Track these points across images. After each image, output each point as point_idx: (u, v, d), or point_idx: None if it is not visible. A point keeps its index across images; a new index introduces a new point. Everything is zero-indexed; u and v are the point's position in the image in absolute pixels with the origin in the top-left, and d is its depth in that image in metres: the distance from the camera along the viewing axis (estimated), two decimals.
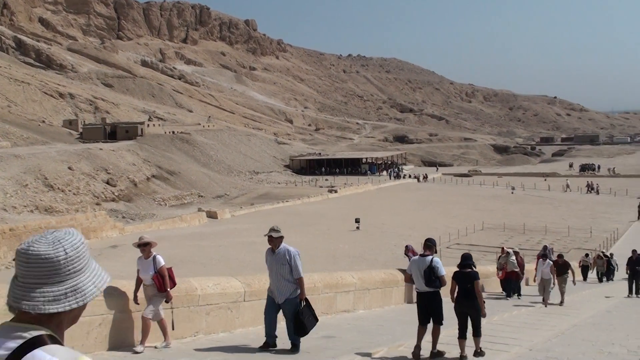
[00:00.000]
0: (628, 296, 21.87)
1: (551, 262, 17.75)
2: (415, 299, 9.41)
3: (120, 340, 8.05)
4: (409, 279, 9.36)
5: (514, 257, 19.15)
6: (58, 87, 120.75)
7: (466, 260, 9.36)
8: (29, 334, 1.77)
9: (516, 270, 18.79)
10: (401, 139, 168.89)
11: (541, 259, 17.90)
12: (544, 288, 17.47)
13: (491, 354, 9.20)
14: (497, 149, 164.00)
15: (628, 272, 23.46)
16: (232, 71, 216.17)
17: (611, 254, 31.32)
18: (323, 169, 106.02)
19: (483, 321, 9.35)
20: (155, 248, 8.91)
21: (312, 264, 31.83)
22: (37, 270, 1.82)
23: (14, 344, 1.75)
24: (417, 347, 8.79)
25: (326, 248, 38.01)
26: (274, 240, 8.62)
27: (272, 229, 8.67)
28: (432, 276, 8.86)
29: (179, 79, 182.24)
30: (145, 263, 8.54)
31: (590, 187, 77.41)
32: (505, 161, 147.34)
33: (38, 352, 1.73)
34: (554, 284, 17.60)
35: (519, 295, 19.06)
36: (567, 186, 78.76)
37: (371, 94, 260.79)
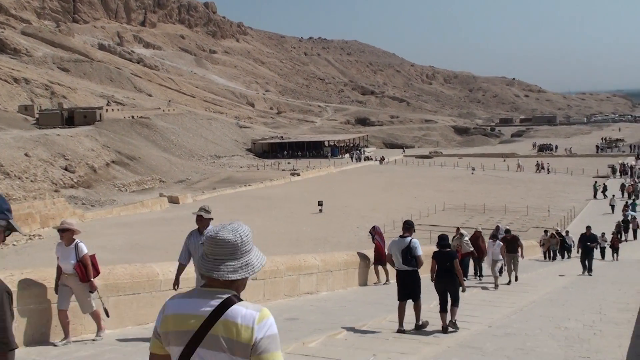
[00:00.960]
0: (582, 274, 21.46)
1: (502, 243, 16.91)
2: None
3: (38, 334, 7.58)
4: (390, 259, 10.05)
5: (467, 238, 18.09)
6: (12, 72, 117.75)
7: (444, 241, 10.00)
8: (224, 295, 2.49)
9: (470, 250, 17.63)
10: (363, 122, 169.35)
11: (491, 240, 17.16)
12: (494, 269, 16.82)
13: (440, 338, 9.39)
14: (458, 131, 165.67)
15: (579, 249, 23.28)
16: (191, 54, 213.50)
17: (567, 232, 31.88)
18: (285, 153, 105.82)
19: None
20: (117, 234, 8.68)
21: (276, 247, 31.89)
22: (222, 250, 2.52)
23: (215, 302, 2.47)
24: (400, 324, 9.38)
25: (289, 231, 38.11)
26: (204, 221, 7.80)
27: (203, 209, 7.88)
28: (409, 256, 9.32)
29: (138, 62, 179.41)
30: (66, 250, 7.76)
31: (540, 167, 79.27)
32: (466, 142, 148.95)
33: (236, 307, 2.45)
34: (505, 264, 17.18)
35: (480, 276, 18.50)
36: (519, 166, 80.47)
37: (332, 76, 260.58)
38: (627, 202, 46.84)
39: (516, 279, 17.50)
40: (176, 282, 8.06)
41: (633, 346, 8.49)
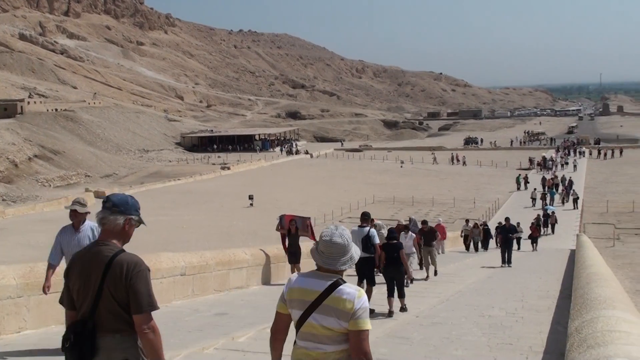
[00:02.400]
0: (502, 266, 21.21)
1: (414, 235, 15.89)
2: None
3: None
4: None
5: (384, 230, 17.58)
6: None
7: (392, 234, 11.22)
8: (334, 278, 3.45)
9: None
10: (293, 115, 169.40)
11: (403, 232, 15.86)
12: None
13: (379, 323, 9.50)
14: (387, 124, 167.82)
15: (499, 241, 23.27)
16: (118, 46, 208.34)
17: (484, 223, 32.19)
18: (215, 146, 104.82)
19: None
20: (39, 231, 8.13)
21: (206, 241, 31.57)
22: (335, 250, 3.48)
23: (329, 282, 3.42)
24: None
25: (220, 225, 37.76)
26: (79, 216, 6.95)
27: (78, 202, 6.99)
28: (368, 244, 10.46)
29: (61, 53, 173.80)
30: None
31: (455, 159, 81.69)
32: (395, 136, 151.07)
33: (342, 286, 3.40)
34: (419, 257, 16.53)
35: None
36: (434, 159, 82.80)
37: (263, 69, 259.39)
38: (544, 192, 48.63)
39: (435, 274, 16.82)
40: (47, 286, 6.89)
41: (552, 332, 8.81)
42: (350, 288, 3.41)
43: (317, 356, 3.42)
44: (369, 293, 10.06)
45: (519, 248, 29.27)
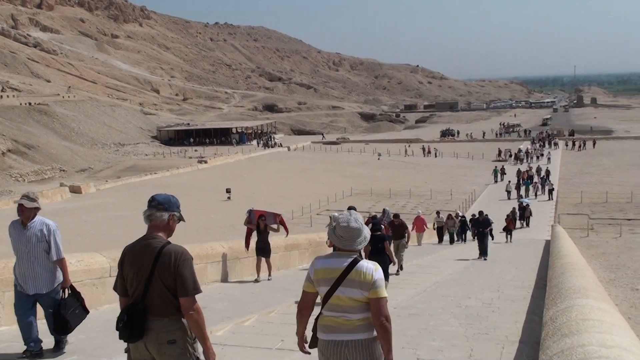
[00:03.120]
0: (478, 258, 21.12)
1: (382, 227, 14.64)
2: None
3: None
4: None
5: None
6: None
7: (376, 225, 11.71)
8: (353, 256, 4.04)
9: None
10: (270, 108, 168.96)
11: (370, 224, 15.51)
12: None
13: None
14: (364, 117, 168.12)
15: (474, 233, 23.11)
16: (92, 39, 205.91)
17: (457, 214, 32.07)
18: (192, 140, 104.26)
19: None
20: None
21: (183, 235, 31.33)
22: (353, 234, 4.06)
23: (349, 260, 4.00)
24: None
25: (197, 219, 37.54)
26: (26, 211, 6.48)
27: (26, 196, 6.57)
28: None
29: (35, 46, 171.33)
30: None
31: (427, 151, 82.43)
32: (372, 128, 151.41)
33: (361, 262, 3.99)
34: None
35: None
36: (406, 150, 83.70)
37: (239, 62, 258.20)
38: (518, 183, 49.10)
39: (401, 269, 15.88)
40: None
41: (528, 321, 8.93)
42: (368, 263, 4.04)
43: (343, 322, 4.00)
44: None
45: (492, 238, 29.56)
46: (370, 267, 3.98)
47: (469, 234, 29.83)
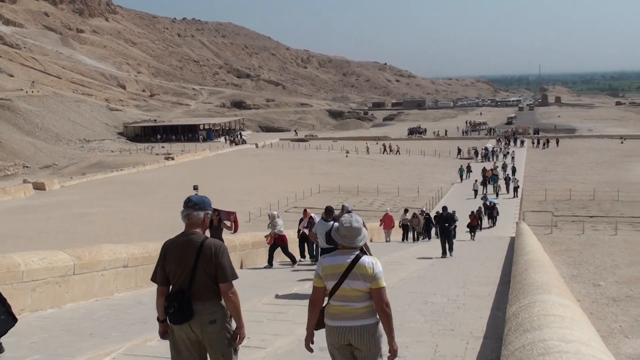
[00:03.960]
0: (442, 256, 20.62)
1: (335, 224, 13.70)
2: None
3: None
4: (314, 237, 12.02)
5: (280, 220, 16.49)
6: None
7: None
8: (356, 252, 4.55)
9: (282, 234, 16.31)
10: (239, 105, 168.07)
11: (323, 218, 14.25)
12: None
13: (291, 329, 9.54)
14: (332, 114, 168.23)
15: (438, 230, 22.69)
16: (57, 33, 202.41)
17: (422, 211, 32.03)
18: (159, 136, 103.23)
19: None
20: None
21: (149, 232, 31.16)
22: (354, 233, 4.56)
23: (352, 256, 4.51)
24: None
25: (163, 217, 37.21)
26: None
27: None
28: (331, 236, 10.67)
29: None
30: None
31: (388, 149, 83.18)
32: (340, 126, 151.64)
33: (363, 257, 4.51)
34: None
35: (294, 262, 16.67)
36: (367, 148, 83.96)
37: (207, 59, 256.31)
38: (484, 178, 49.55)
39: None
40: None
41: (492, 317, 9.04)
42: (369, 258, 4.59)
43: (348, 310, 4.53)
44: None
45: (454, 236, 29.67)
46: (371, 262, 4.56)
47: (434, 231, 29.94)
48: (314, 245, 15.97)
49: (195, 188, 47.18)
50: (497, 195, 46.95)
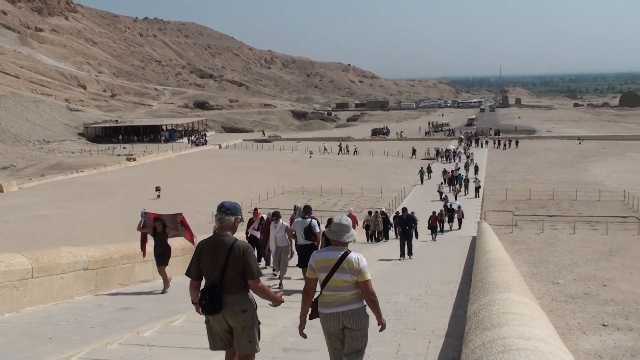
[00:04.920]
0: (400, 259, 20.18)
1: (286, 225, 13.63)
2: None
3: None
4: (292, 234, 12.75)
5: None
6: None
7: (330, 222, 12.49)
8: (344, 249, 5.26)
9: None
10: (202, 105, 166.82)
11: (273, 222, 13.82)
12: (279, 259, 13.38)
13: (287, 312, 9.54)
14: (296, 115, 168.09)
15: (398, 232, 22.15)
16: (15, 32, 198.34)
17: (382, 211, 31.57)
18: (120, 137, 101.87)
19: None
20: None
21: (110, 234, 30.77)
22: (343, 229, 5.31)
23: (341, 252, 5.22)
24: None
25: (125, 218, 36.74)
26: None
27: None
28: (309, 233, 12.07)
29: None
30: None
31: (345, 149, 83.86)
32: (304, 126, 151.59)
33: (350, 254, 5.19)
34: (292, 252, 13.42)
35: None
36: (325, 149, 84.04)
37: (170, 59, 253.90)
38: (444, 178, 49.82)
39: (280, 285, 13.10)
40: None
41: (454, 316, 9.15)
42: (356, 254, 5.25)
43: (338, 298, 5.25)
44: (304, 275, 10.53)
45: (416, 237, 29.69)
46: (357, 258, 5.23)
47: (392, 232, 29.68)
48: (266, 248, 15.41)
49: (158, 189, 46.70)
50: (456, 197, 46.23)
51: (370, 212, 31.03)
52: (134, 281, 12.53)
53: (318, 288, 5.43)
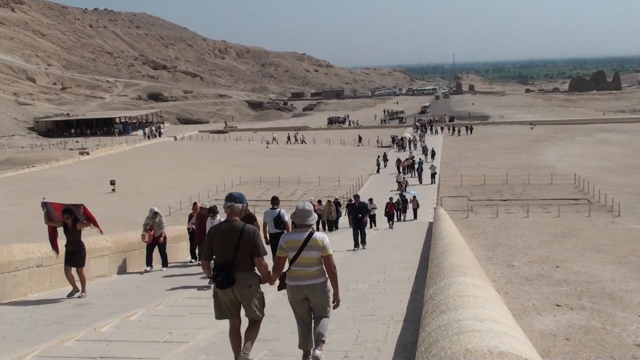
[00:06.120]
0: (354, 249, 19.14)
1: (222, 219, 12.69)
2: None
3: None
4: (264, 227, 13.33)
5: (162, 217, 15.02)
6: None
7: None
8: (309, 230, 6.05)
9: (162, 232, 14.73)
10: (155, 97, 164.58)
11: (210, 216, 13.18)
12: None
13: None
14: (252, 105, 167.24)
15: (350, 220, 20.55)
16: None
17: (335, 199, 31.03)
18: (73, 131, 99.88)
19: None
20: None
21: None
22: (307, 213, 6.10)
23: (307, 232, 6.01)
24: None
25: None
26: None
27: None
28: (279, 222, 13.20)
29: None
30: None
31: (292, 139, 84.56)
32: (260, 117, 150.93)
33: (316, 233, 6.03)
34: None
35: (165, 265, 15.05)
36: (274, 139, 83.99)
37: (122, 50, 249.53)
38: (399, 167, 50.23)
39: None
40: None
41: (412, 301, 9.27)
42: (320, 233, 6.08)
43: (305, 273, 5.98)
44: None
45: (374, 225, 29.67)
46: (321, 236, 6.03)
47: (342, 221, 29.18)
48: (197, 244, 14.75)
49: (113, 183, 46.00)
50: (405, 188, 44.04)
51: (319, 202, 30.75)
52: (89, 277, 12.35)
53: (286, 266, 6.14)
